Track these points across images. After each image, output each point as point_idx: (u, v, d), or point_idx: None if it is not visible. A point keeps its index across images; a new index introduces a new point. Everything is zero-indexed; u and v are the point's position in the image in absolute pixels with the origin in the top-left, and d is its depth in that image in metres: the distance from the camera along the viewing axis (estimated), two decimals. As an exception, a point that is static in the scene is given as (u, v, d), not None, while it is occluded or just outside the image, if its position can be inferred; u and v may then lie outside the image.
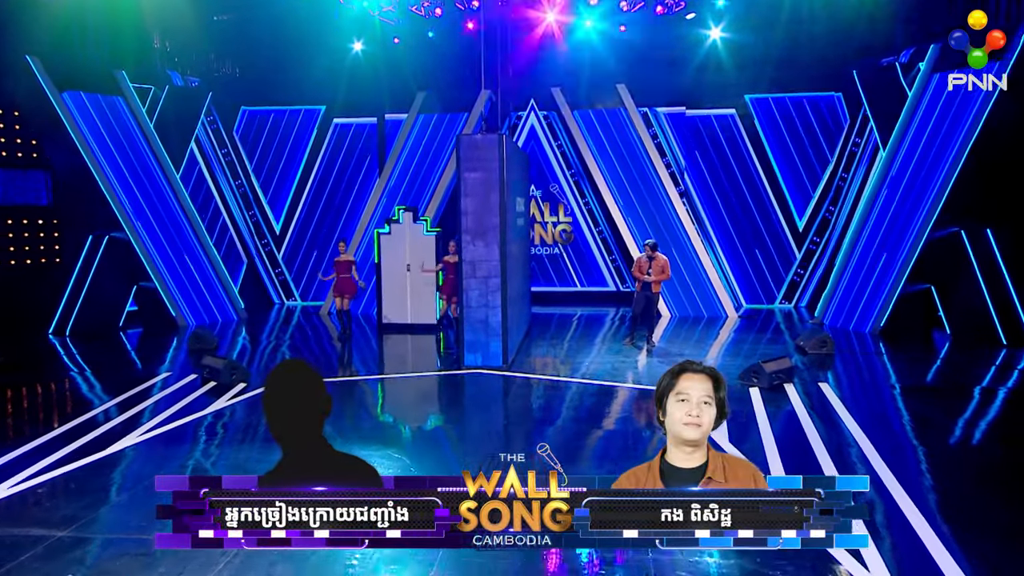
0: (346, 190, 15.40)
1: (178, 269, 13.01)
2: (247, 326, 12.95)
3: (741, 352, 9.99)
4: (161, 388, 8.33)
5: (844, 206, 13.71)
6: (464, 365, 8.99)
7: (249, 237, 15.37)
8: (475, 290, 9.02)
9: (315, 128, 15.28)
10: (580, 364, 9.32)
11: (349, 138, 15.32)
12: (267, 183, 15.47)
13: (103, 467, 5.75)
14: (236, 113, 15.31)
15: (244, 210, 15.31)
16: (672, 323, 12.71)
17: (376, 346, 11.31)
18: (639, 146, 13.73)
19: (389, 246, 12.41)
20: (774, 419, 6.87)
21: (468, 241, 8.97)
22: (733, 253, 14.44)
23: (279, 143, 15.34)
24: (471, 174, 8.92)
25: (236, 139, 15.35)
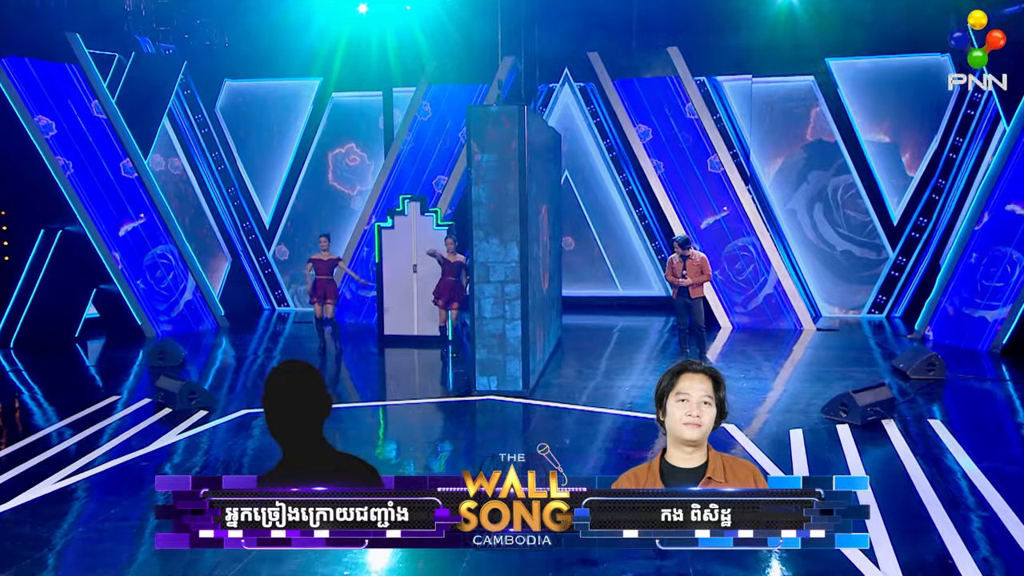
0: (347, 176, 15.13)
1: (145, 269, 12.72)
2: (228, 337, 12.73)
3: (822, 377, 9.29)
4: (103, 417, 7.84)
5: (953, 192, 12.92)
6: (476, 390, 8.44)
7: (233, 231, 15.19)
8: (488, 298, 8.41)
9: (311, 104, 15.02)
10: (618, 389, 8.76)
11: (350, 116, 15.05)
12: (255, 169, 15.23)
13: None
14: (218, 86, 15.05)
15: (228, 200, 15.11)
16: (732, 337, 12.13)
17: (372, 364, 10.92)
18: (695, 123, 13.17)
19: (392, 243, 11.92)
20: (871, 468, 6.18)
21: (481, 238, 8.36)
22: (809, 250, 13.88)
23: (269, 122, 15.11)
24: (484, 155, 8.29)
25: (218, 117, 15.12)
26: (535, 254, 8.95)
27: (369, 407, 8.27)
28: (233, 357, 11.29)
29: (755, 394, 8.49)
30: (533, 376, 8.75)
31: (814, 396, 8.25)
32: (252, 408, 8.11)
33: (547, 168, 10.21)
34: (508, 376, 8.45)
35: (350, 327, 13.22)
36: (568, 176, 14.81)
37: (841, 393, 7.51)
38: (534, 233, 8.84)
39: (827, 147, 13.66)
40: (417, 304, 11.89)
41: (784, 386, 8.98)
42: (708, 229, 13.00)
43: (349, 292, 13.92)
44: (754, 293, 12.87)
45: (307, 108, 15.03)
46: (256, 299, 15.37)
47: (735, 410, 7.69)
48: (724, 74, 13.63)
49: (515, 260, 8.33)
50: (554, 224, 11.13)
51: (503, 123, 8.26)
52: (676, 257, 9.60)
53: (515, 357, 8.41)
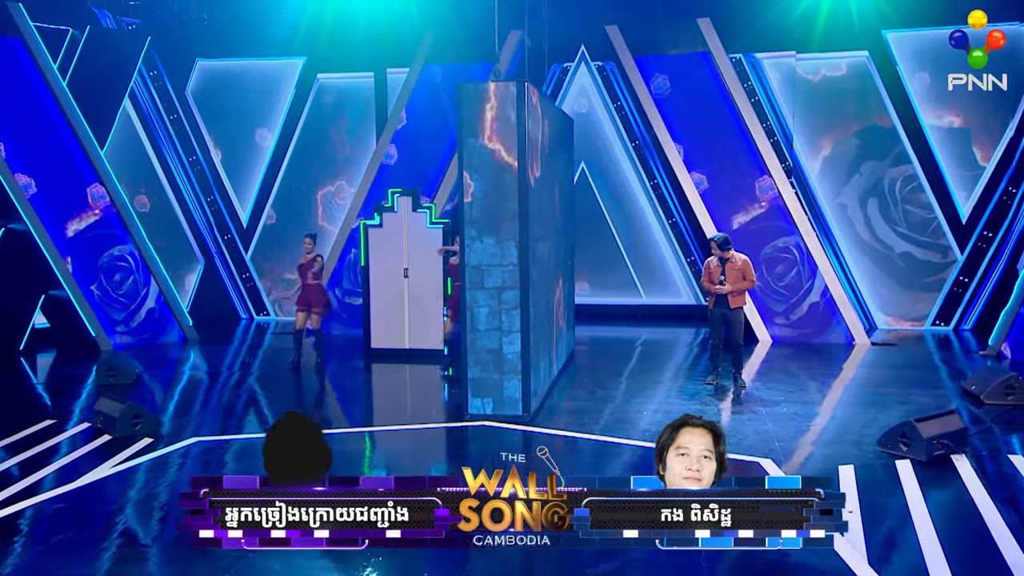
0: (335, 167, 14.96)
1: (100, 273, 12.48)
2: (196, 350, 12.51)
3: (878, 401, 8.84)
4: (31, 445, 7.43)
5: (1033, 185, 12.55)
6: (467, 414, 8.08)
7: (207, 230, 15.04)
8: (483, 307, 8.02)
9: (294, 87, 14.91)
10: (638, 416, 8.33)
11: (338, 100, 14.91)
12: (231, 159, 15.09)
13: None
14: (190, 67, 14.92)
15: (200, 195, 14.97)
16: (772, 353, 11.77)
17: (354, 382, 10.60)
18: (729, 106, 12.82)
19: (380, 243, 11.61)
20: (938, 513, 5.69)
21: (473, 237, 7.99)
22: (862, 252, 13.52)
23: (247, 106, 14.94)
24: (477, 140, 7.91)
25: (189, 101, 14.99)
26: (539, 256, 8.59)
27: (342, 434, 7.87)
28: (200, 374, 11.01)
29: (798, 421, 8.04)
30: (535, 398, 8.38)
31: (868, 424, 7.84)
32: (203, 436, 7.69)
33: (555, 156, 9.87)
34: (505, 398, 8.07)
35: (337, 339, 13.03)
36: (584, 168, 14.67)
37: (901, 421, 7.08)
38: (537, 231, 8.47)
39: (883, 133, 13.29)
40: (408, 313, 11.57)
41: (832, 412, 8.58)
42: (744, 228, 12.65)
43: (335, 299, 13.63)
44: (798, 301, 12.50)
45: (290, 91, 14.89)
46: (232, 307, 15.24)
47: (773, 441, 7.31)
48: (763, 50, 13.42)
49: (513, 263, 7.95)
50: (564, 222, 10.81)
51: (500, 102, 7.87)
52: (714, 260, 9.22)
53: (514, 376, 8.03)
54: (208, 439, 7.59)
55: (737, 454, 6.91)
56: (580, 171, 14.60)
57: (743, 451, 6.98)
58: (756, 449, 7.04)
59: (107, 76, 12.99)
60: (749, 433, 7.58)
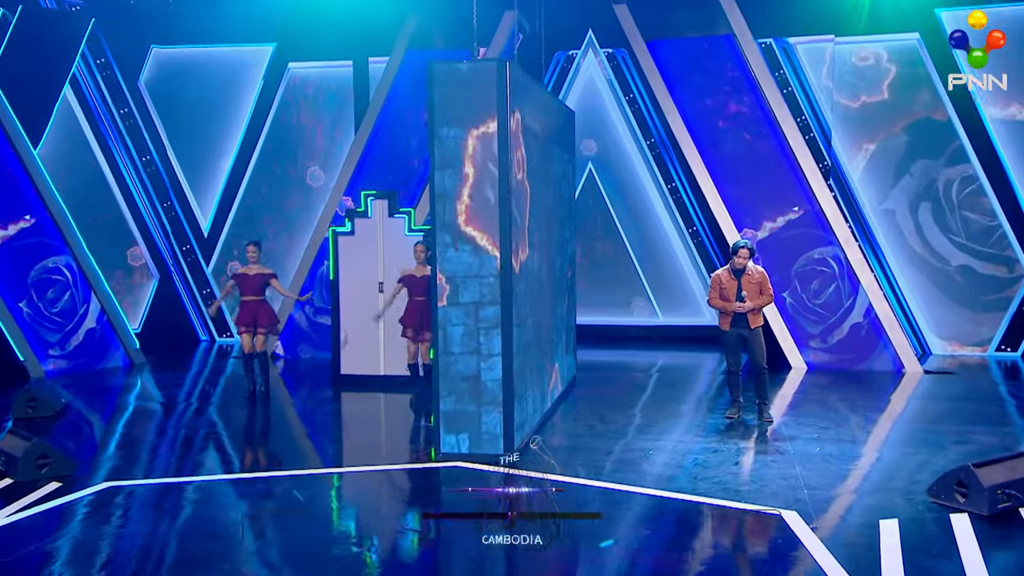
0: (308, 167, 14.98)
1: (31, 288, 12.31)
2: (143, 376, 12.37)
3: (931, 440, 8.46)
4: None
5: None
6: (439, 453, 7.70)
7: (162, 240, 15.06)
8: (457, 326, 7.65)
9: (262, 77, 14.96)
10: (641, 456, 7.94)
11: (312, 92, 14.97)
12: (190, 159, 15.12)
13: None
14: (143, 54, 14.93)
15: (155, 200, 14.99)
16: (807, 381, 11.49)
17: (317, 414, 10.33)
18: (757, 97, 12.62)
19: (352, 253, 11.42)
20: None
21: (446, 244, 7.64)
22: (913, 264, 13.34)
23: (209, 100, 15.00)
24: (451, 129, 7.57)
25: (143, 93, 15.00)
26: (527, 266, 8.24)
27: (292, 477, 7.46)
28: (144, 404, 10.78)
29: (833, 464, 7.58)
30: (521, 434, 7.97)
31: (919, 469, 7.39)
32: (122, 480, 7.27)
33: (548, 151, 9.55)
34: (484, 434, 7.67)
35: (305, 363, 12.94)
36: (592, 169, 14.72)
37: (958, 466, 6.59)
38: (526, 235, 8.11)
39: (938, 127, 13.08)
40: (384, 335, 11.33)
41: (876, 453, 8.15)
42: (773, 237, 12.44)
43: (304, 317, 13.47)
44: (837, 322, 12.23)
45: (257, 82, 14.93)
46: (191, 327, 15.24)
47: (801, 488, 6.83)
48: (797, 34, 13.45)
49: (493, 274, 7.58)
50: (562, 229, 10.52)
51: (478, 85, 7.50)
52: (724, 273, 8.93)
53: (494, 408, 7.64)
54: (127, 483, 7.16)
55: (755, 504, 6.42)
56: (587, 172, 14.63)
57: (764, 500, 6.50)
58: (780, 498, 6.56)
59: (44, 64, 12.85)
60: (773, 478, 7.12)
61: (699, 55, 12.81)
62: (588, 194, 14.56)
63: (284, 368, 12.72)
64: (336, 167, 14.26)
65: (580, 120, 14.34)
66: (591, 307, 14.39)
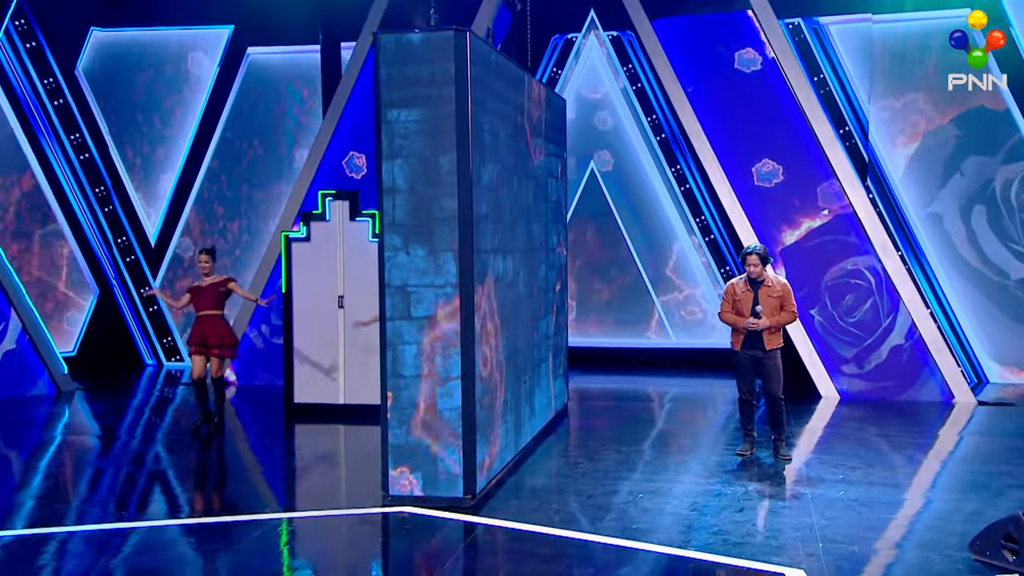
0: (271, 166, 15.06)
1: None
2: (74, 406, 12.31)
3: (984, 484, 8.14)
4: None
5: None
6: (388, 497, 7.43)
7: (103, 250, 15.06)
8: (410, 344, 7.41)
9: (218, 64, 15.06)
10: (636, 502, 7.61)
11: (276, 80, 15.06)
12: (136, 157, 15.19)
13: None
14: (82, 38, 14.97)
15: (95, 204, 15.03)
16: (839, 413, 11.34)
17: (254, 451, 10.24)
18: (780, 85, 12.50)
19: (307, 263, 11.28)
20: None
21: (396, 247, 7.40)
22: (966, 277, 13.22)
23: (156, 89, 15.15)
24: (402, 111, 7.34)
25: (81, 81, 15.03)
26: (497, 275, 8.03)
27: (205, 525, 7.17)
28: (67, 437, 10.71)
29: (862, 513, 7.18)
30: (486, 474, 7.72)
31: (968, 519, 6.99)
32: (15, 528, 7.04)
33: (528, 143, 9.38)
34: (440, 474, 7.38)
35: (259, 391, 12.92)
36: (594, 168, 14.86)
37: (1007, 516, 6.12)
38: (493, 241, 7.93)
39: (994, 119, 12.94)
40: (344, 357, 11.21)
41: (916, 500, 7.85)
42: (799, 245, 12.36)
43: (261, 338, 13.41)
44: (874, 344, 12.14)
45: (212, 69, 15.00)
46: (135, 350, 15.30)
47: (816, 541, 6.44)
48: (829, 13, 13.55)
49: (452, 282, 7.32)
50: (547, 234, 10.40)
51: (433, 60, 7.25)
52: (740, 284, 8.74)
53: (452, 442, 7.35)
54: (22, 532, 6.89)
55: (756, 560, 5.99)
56: (588, 171, 14.76)
57: (768, 556, 6.06)
58: (788, 553, 6.14)
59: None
60: (783, 528, 6.71)
61: (711, 34, 12.76)
62: (589, 197, 14.63)
63: (235, 396, 12.63)
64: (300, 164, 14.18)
65: (581, 113, 14.72)
66: (591, 326, 14.54)
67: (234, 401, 12.42)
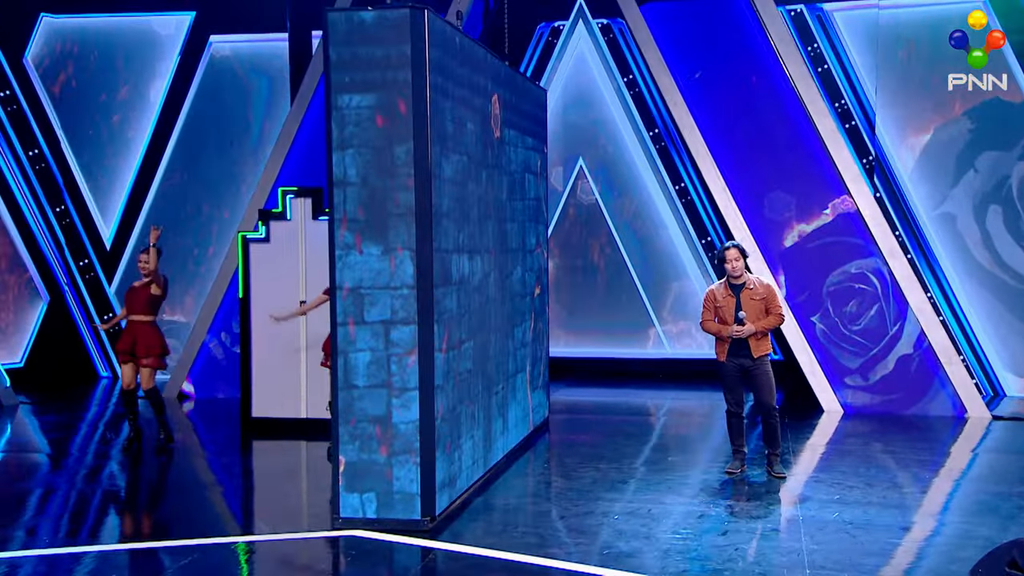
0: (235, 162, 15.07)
1: None
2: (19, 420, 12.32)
3: (997, 507, 7.97)
4: None
5: None
6: (339, 519, 7.28)
7: (54, 255, 15.07)
8: (363, 351, 7.27)
9: (178, 54, 15.06)
10: (611, 524, 7.45)
11: (241, 71, 15.07)
12: (90, 154, 15.20)
13: None
14: (30, 26, 14.97)
15: (45, 204, 15.03)
16: (843, 430, 11.28)
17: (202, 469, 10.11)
18: (781, 77, 12.54)
19: (266, 265, 11.23)
20: None
21: (347, 245, 7.28)
22: (980, 282, 13.12)
23: (112, 80, 15.10)
24: (353, 96, 7.21)
25: (30, 72, 15.06)
26: (462, 276, 7.92)
27: (147, 551, 7.09)
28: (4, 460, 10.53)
29: (858, 537, 7.03)
30: (447, 493, 7.57)
31: (981, 544, 6.81)
32: None
33: (500, 134, 9.27)
34: (396, 494, 7.22)
35: (219, 405, 12.89)
36: (583, 166, 14.92)
37: (1010, 541, 5.99)
38: (458, 240, 7.81)
39: (1010, 112, 12.85)
40: (307, 368, 11.14)
41: (926, 521, 7.70)
42: (799, 247, 12.37)
43: (222, 348, 13.38)
44: (880, 354, 12.16)
45: (172, 58, 15.00)
46: (89, 361, 15.31)
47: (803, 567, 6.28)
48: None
49: (409, 284, 7.19)
50: (525, 234, 10.31)
51: (388, 40, 7.12)
52: (721, 289, 8.69)
53: (409, 459, 7.20)
54: None
55: None
56: (576, 170, 14.81)
57: None
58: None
59: None
60: (769, 552, 6.56)
61: (704, 20, 12.85)
62: (577, 194, 14.70)
63: (192, 410, 12.60)
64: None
65: (569, 107, 14.78)
66: (580, 335, 14.58)
67: (191, 415, 12.37)
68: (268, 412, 11.09)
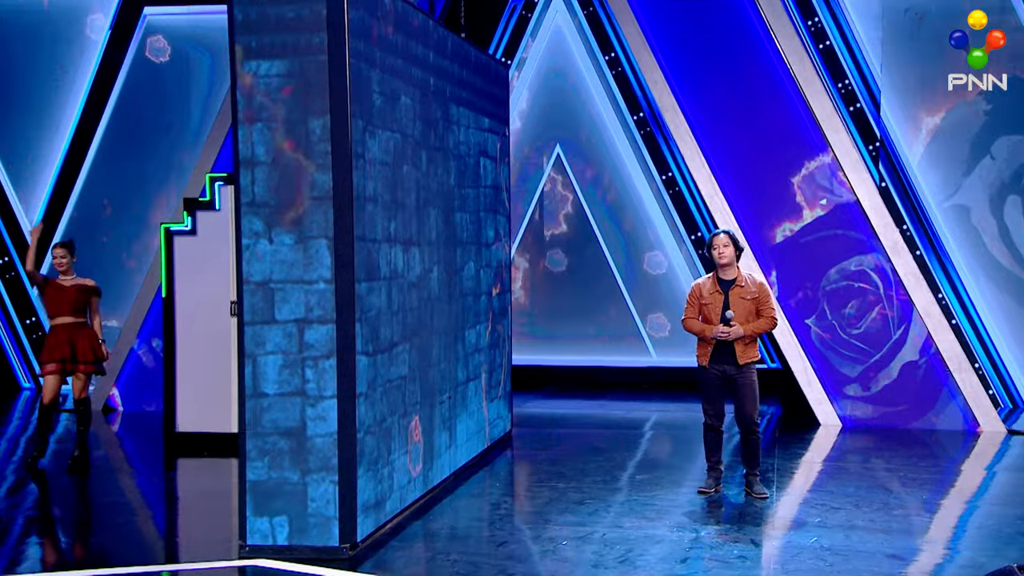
0: (173, 153, 14.94)
1: None
2: None
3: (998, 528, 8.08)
4: None
5: None
6: (245, 547, 7.16)
7: None
8: (274, 354, 7.14)
9: (107, 29, 14.93)
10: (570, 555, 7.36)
11: (179, 48, 15.00)
12: (10, 142, 15.25)
13: None
14: None
15: None
16: (841, 445, 11.40)
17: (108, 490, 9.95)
18: (777, 62, 12.83)
19: (192, 261, 11.14)
20: None
21: (256, 233, 7.14)
22: (996, 281, 13.21)
23: (31, 62, 15.11)
24: (262, 63, 7.08)
25: None
26: (395, 267, 7.80)
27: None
28: None
29: (843, 564, 6.91)
30: (373, 517, 7.42)
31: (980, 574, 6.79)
32: None
33: (446, 112, 9.18)
34: (311, 518, 7.07)
35: (148, 419, 12.82)
36: (560, 153, 15.01)
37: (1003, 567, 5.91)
38: (389, 228, 7.67)
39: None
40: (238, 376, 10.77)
41: (917, 547, 7.61)
42: (792, 241, 12.48)
43: (152, 355, 13.34)
44: (882, 361, 12.25)
45: (101, 35, 14.90)
46: (10, 372, 15.38)
47: None
48: None
49: (326, 277, 7.06)
50: (480, 226, 10.26)
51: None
52: (709, 283, 8.68)
53: (325, 477, 7.06)
54: None
55: None
56: (554, 157, 14.91)
57: None
58: None
59: None
60: None
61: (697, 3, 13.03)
62: (556, 186, 14.81)
63: (119, 425, 12.61)
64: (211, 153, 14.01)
65: (545, 90, 14.92)
66: (556, 341, 14.71)
67: (118, 431, 12.33)
68: (193, 426, 10.96)
